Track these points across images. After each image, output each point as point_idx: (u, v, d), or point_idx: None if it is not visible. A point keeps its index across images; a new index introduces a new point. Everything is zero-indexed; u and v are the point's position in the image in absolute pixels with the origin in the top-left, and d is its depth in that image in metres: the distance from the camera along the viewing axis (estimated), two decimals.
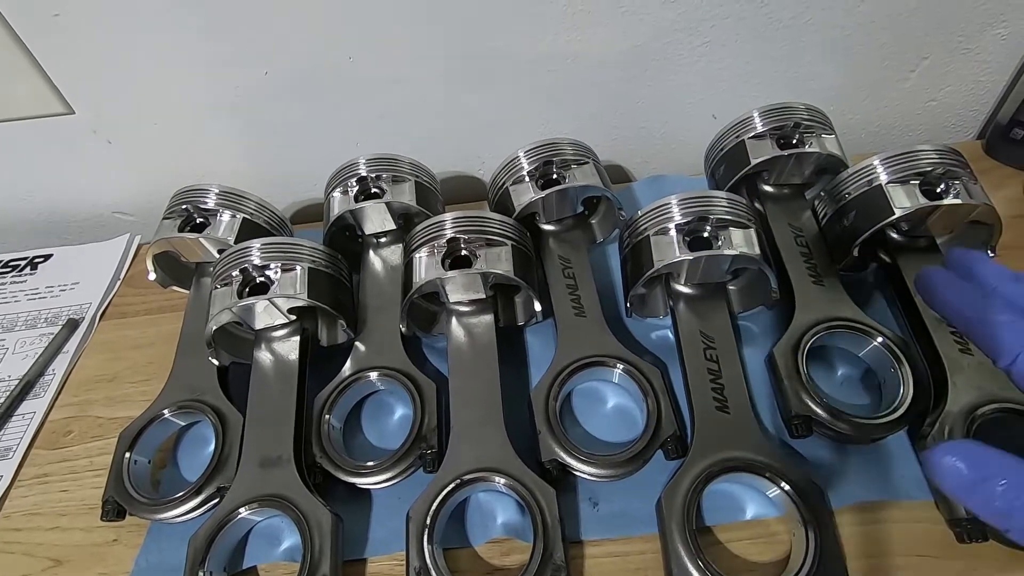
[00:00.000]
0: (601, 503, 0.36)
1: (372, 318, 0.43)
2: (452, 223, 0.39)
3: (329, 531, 0.33)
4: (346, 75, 0.51)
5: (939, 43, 0.51)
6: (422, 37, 0.49)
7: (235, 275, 0.39)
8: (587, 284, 0.43)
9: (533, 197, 0.43)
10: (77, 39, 0.47)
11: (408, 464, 0.36)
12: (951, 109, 0.57)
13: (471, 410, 0.37)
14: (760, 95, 0.54)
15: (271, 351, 0.41)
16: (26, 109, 0.52)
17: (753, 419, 0.35)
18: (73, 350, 0.49)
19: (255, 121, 0.54)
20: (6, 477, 0.42)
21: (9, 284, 0.55)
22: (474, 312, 0.41)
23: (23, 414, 0.45)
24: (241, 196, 0.46)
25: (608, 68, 0.51)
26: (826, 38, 0.50)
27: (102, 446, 0.43)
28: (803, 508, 0.31)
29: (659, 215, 0.39)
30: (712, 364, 0.38)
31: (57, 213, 0.62)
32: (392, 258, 0.46)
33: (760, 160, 0.42)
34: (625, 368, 0.38)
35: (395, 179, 0.45)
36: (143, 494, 0.37)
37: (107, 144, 0.55)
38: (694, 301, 0.40)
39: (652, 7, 0.47)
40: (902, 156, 0.39)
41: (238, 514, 0.34)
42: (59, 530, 0.39)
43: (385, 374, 0.39)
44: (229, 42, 0.48)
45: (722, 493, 0.35)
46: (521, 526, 0.35)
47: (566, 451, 0.35)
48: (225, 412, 0.39)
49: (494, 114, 0.55)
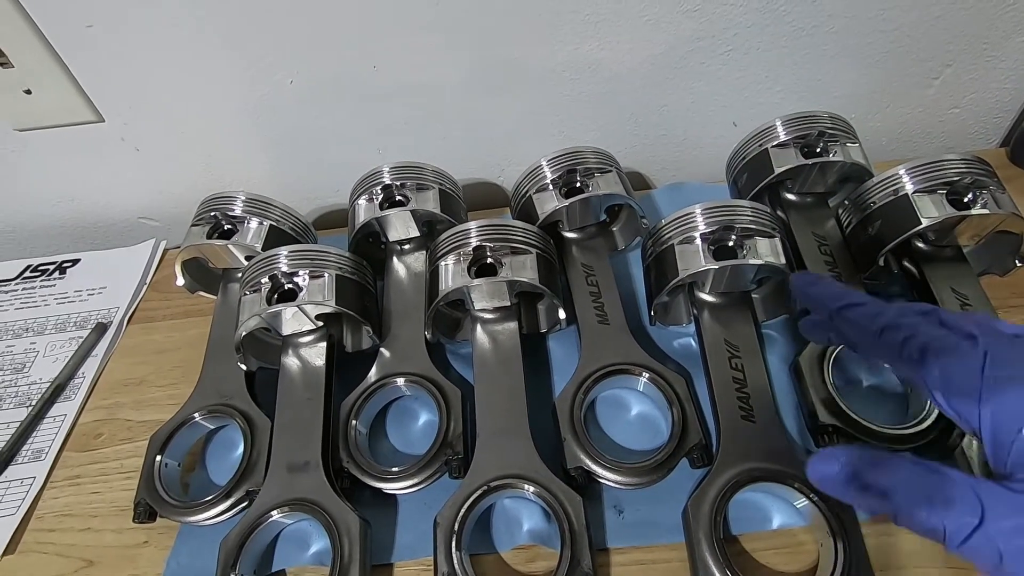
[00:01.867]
0: (626, 511, 0.36)
1: (396, 324, 0.44)
2: (477, 231, 0.40)
3: (358, 536, 0.34)
4: (370, 83, 0.51)
5: (963, 50, 0.51)
6: (445, 46, 0.49)
7: (264, 282, 0.39)
8: (610, 292, 0.43)
9: (557, 205, 0.43)
10: (108, 49, 0.48)
11: (434, 470, 0.37)
12: (974, 116, 0.56)
13: (497, 417, 0.37)
14: (781, 103, 0.54)
15: (298, 357, 0.42)
16: (58, 117, 0.53)
17: (779, 428, 0.35)
18: (102, 354, 0.50)
19: (280, 129, 0.55)
20: (39, 479, 0.42)
21: (39, 288, 0.57)
22: (499, 319, 0.42)
23: (54, 416, 0.46)
24: (267, 203, 0.47)
25: (629, 76, 0.52)
26: (848, 46, 0.50)
27: (131, 449, 0.43)
28: (832, 519, 0.31)
29: (683, 224, 0.40)
30: (737, 373, 0.38)
31: (85, 219, 0.63)
32: (415, 265, 0.47)
33: (784, 169, 0.42)
34: (650, 376, 0.38)
35: (419, 187, 0.46)
36: (174, 497, 0.37)
37: (135, 151, 0.56)
38: (718, 310, 0.40)
39: (675, 16, 0.48)
40: (928, 165, 0.39)
41: (269, 517, 0.35)
42: (91, 531, 0.40)
43: (411, 380, 0.40)
44: (255, 52, 0.49)
45: (749, 502, 0.35)
46: (547, 533, 0.35)
47: (592, 458, 0.35)
48: (253, 416, 0.40)
49: (515, 122, 0.55)
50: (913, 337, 0.23)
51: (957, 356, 0.22)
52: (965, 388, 0.21)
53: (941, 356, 0.22)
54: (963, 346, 0.22)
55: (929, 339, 0.23)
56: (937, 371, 0.22)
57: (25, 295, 0.56)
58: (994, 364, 0.21)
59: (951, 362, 0.22)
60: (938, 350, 0.22)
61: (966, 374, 0.21)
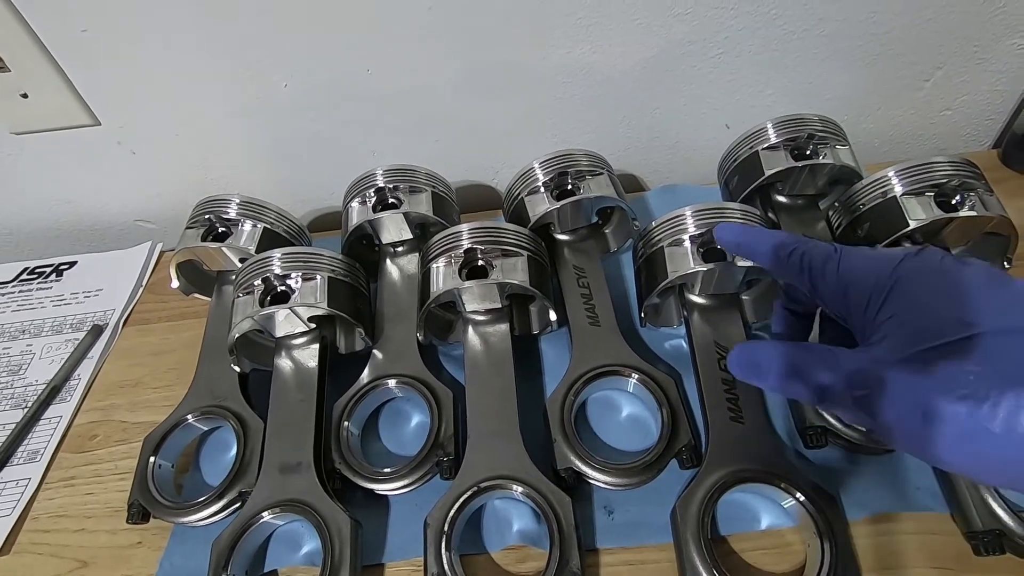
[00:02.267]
0: (616, 511, 0.36)
1: (389, 326, 0.44)
2: (468, 233, 0.40)
3: (349, 536, 0.34)
4: (364, 87, 0.52)
5: (954, 53, 0.51)
6: (439, 49, 0.50)
7: (257, 284, 0.40)
8: (601, 293, 0.43)
9: (548, 208, 0.43)
10: (104, 54, 0.49)
11: (425, 471, 0.37)
12: (966, 118, 0.57)
13: (488, 418, 0.38)
14: (773, 105, 0.54)
15: (291, 358, 0.42)
16: (54, 121, 0.53)
17: (768, 429, 0.36)
18: (98, 356, 0.50)
19: (274, 132, 0.55)
20: (34, 480, 0.43)
21: (35, 290, 0.57)
22: (490, 321, 0.42)
23: (50, 418, 0.46)
24: (262, 206, 0.47)
25: (622, 79, 0.52)
26: (840, 49, 0.51)
27: (126, 450, 0.44)
28: (819, 519, 0.31)
29: (673, 226, 0.40)
30: (726, 375, 0.38)
31: (81, 221, 0.63)
32: (409, 267, 0.47)
33: (774, 171, 0.43)
34: (640, 378, 0.38)
35: (412, 189, 0.46)
36: (167, 498, 0.38)
37: (131, 154, 0.56)
38: (708, 311, 0.41)
39: (666, 19, 0.48)
40: (917, 168, 0.39)
41: (260, 518, 0.35)
42: (85, 532, 0.40)
43: (403, 382, 0.40)
44: (250, 55, 0.49)
45: (737, 503, 0.35)
46: (536, 533, 0.35)
47: (582, 459, 0.36)
48: (246, 418, 0.40)
49: (508, 124, 0.55)
50: (795, 248, 0.27)
51: (823, 255, 0.26)
52: (829, 279, 0.25)
53: (813, 258, 0.26)
54: (829, 250, 0.26)
55: (808, 246, 0.27)
56: (808, 270, 0.26)
57: (22, 297, 0.56)
58: (847, 256, 0.25)
59: (818, 252, 0.26)
60: (813, 253, 0.26)
61: (828, 261, 0.26)
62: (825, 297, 0.26)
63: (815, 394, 0.23)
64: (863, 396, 0.21)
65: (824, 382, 0.23)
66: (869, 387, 0.21)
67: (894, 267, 0.24)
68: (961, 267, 0.23)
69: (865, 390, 0.21)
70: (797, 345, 0.25)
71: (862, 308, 0.24)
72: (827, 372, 0.23)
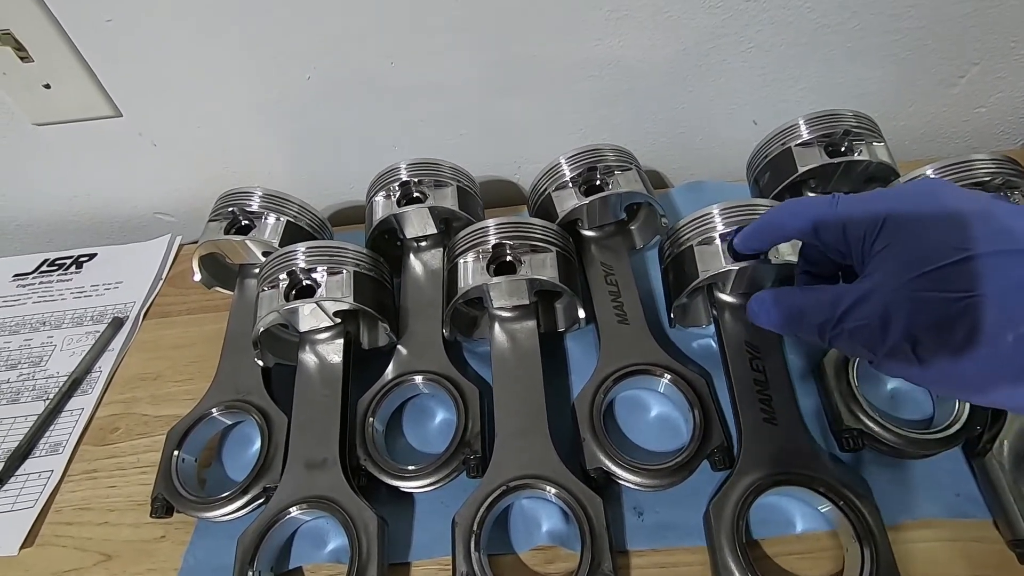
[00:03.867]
0: (646, 513, 0.35)
1: (413, 322, 0.43)
2: (496, 228, 0.39)
3: (376, 534, 0.33)
4: (387, 79, 0.51)
5: (991, 48, 0.50)
6: (463, 42, 0.49)
7: (282, 278, 0.39)
8: (630, 291, 0.43)
9: (577, 203, 0.43)
10: (127, 44, 0.48)
11: (452, 469, 0.36)
12: (1000, 116, 0.55)
13: (515, 416, 0.37)
14: (802, 101, 0.53)
15: (315, 353, 0.41)
16: (76, 112, 0.53)
17: (802, 431, 0.35)
18: (119, 348, 0.50)
19: (296, 124, 0.55)
20: (56, 472, 0.42)
21: (56, 282, 0.57)
22: (517, 318, 0.41)
23: (71, 410, 0.46)
24: (284, 199, 0.47)
25: (649, 73, 0.51)
26: (873, 44, 0.50)
27: (148, 443, 0.43)
28: (858, 524, 0.31)
29: (702, 224, 0.39)
30: (759, 375, 0.37)
31: (101, 213, 0.63)
32: (432, 262, 0.47)
33: (808, 168, 0.42)
34: (672, 378, 0.37)
35: (437, 184, 0.45)
36: (191, 492, 0.37)
37: (152, 147, 0.56)
38: (739, 310, 0.40)
39: (696, 12, 0.47)
40: (957, 165, 0.38)
41: (287, 514, 0.34)
42: (108, 525, 0.40)
43: (429, 378, 0.40)
44: (273, 47, 0.49)
45: (771, 506, 0.34)
46: (566, 534, 0.35)
47: (612, 460, 0.35)
48: (270, 413, 0.40)
49: (532, 119, 0.55)
50: (797, 205, 0.28)
51: (824, 200, 0.27)
52: (829, 221, 0.26)
53: (816, 204, 0.27)
54: (827, 197, 0.27)
55: (809, 200, 0.28)
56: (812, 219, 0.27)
57: (42, 289, 0.56)
58: (844, 198, 0.27)
59: (819, 201, 0.27)
60: (814, 204, 0.27)
61: (827, 204, 0.27)
62: (827, 242, 0.27)
63: (816, 330, 0.25)
64: (860, 327, 0.23)
65: (823, 317, 0.24)
66: (866, 318, 0.22)
67: (885, 197, 0.25)
68: (946, 191, 0.24)
69: (862, 320, 0.23)
70: (792, 288, 0.27)
71: (859, 243, 0.24)
72: (825, 307, 0.24)
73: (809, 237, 0.27)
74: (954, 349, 0.20)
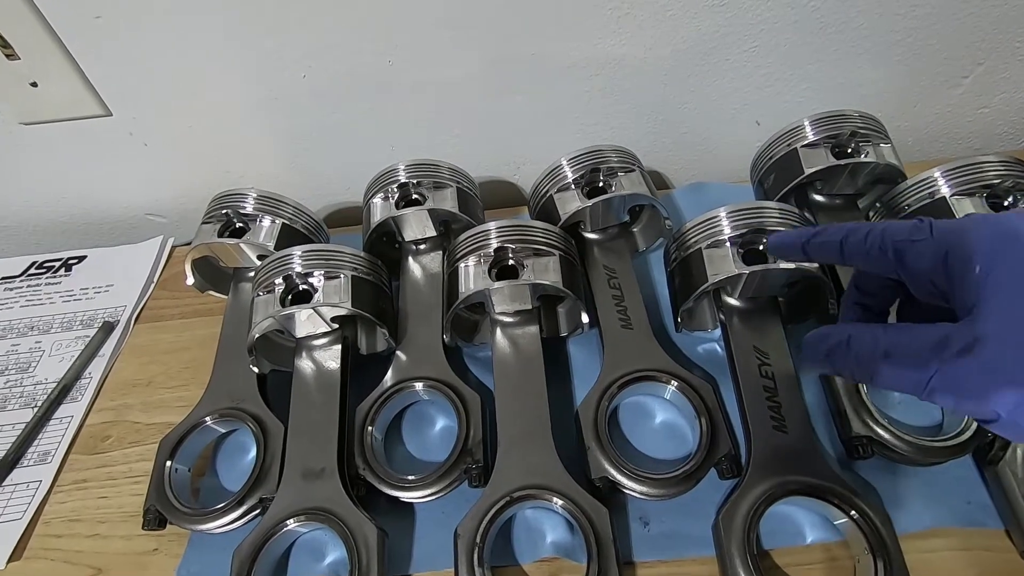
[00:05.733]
0: (652, 522, 0.35)
1: (413, 327, 0.42)
2: (498, 232, 0.38)
3: (375, 546, 0.33)
4: (384, 79, 0.50)
5: (995, 48, 0.49)
6: (461, 41, 0.48)
7: (278, 283, 0.38)
8: (633, 295, 0.42)
9: (580, 206, 0.42)
10: (117, 42, 0.47)
11: (453, 478, 0.35)
12: (1004, 116, 0.55)
13: (518, 424, 0.36)
14: (806, 101, 0.53)
15: (313, 360, 0.40)
16: (65, 111, 0.52)
17: (812, 439, 0.34)
18: (109, 353, 0.49)
19: (291, 124, 0.54)
20: (45, 482, 0.41)
21: (44, 286, 0.55)
22: (519, 323, 0.40)
23: (60, 418, 0.45)
24: (279, 201, 0.46)
25: (652, 73, 0.50)
26: (876, 43, 0.49)
27: (140, 452, 0.42)
28: (871, 536, 0.30)
29: (709, 227, 0.38)
30: (768, 381, 0.36)
31: (91, 214, 0.62)
32: (432, 265, 0.46)
33: (815, 170, 0.41)
34: (679, 384, 0.37)
35: (436, 185, 0.44)
36: (184, 504, 0.36)
37: (143, 146, 0.55)
38: (747, 315, 0.39)
39: (699, 10, 0.46)
40: (966, 167, 0.37)
41: (284, 527, 0.33)
42: (99, 537, 0.38)
43: (430, 385, 0.39)
44: (267, 46, 0.48)
45: (781, 516, 0.33)
46: (571, 545, 0.34)
47: (617, 468, 0.34)
48: (266, 421, 0.39)
49: (532, 119, 0.54)
50: (871, 230, 0.25)
51: (908, 226, 0.24)
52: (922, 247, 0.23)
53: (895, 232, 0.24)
54: (913, 222, 0.24)
55: (885, 224, 0.25)
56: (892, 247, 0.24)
57: (30, 292, 0.55)
58: (939, 221, 0.23)
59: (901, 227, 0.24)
60: (895, 229, 0.24)
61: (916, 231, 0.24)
62: (917, 271, 0.23)
63: (921, 380, 0.21)
64: (967, 375, 0.20)
65: (919, 363, 0.20)
66: (984, 371, 0.19)
67: (990, 224, 0.21)
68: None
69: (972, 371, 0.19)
70: (865, 325, 0.23)
71: (965, 272, 0.21)
72: (924, 350, 0.20)
73: (885, 264, 0.24)
74: None
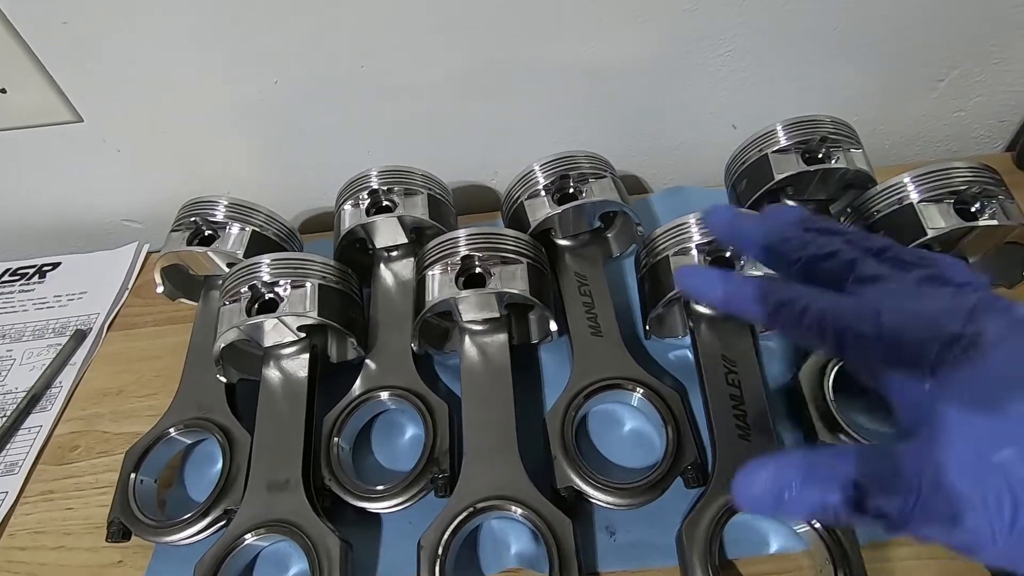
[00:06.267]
0: (618, 532, 0.35)
1: (383, 335, 0.42)
2: (466, 239, 0.38)
3: (338, 559, 0.32)
4: (358, 83, 0.50)
5: (970, 52, 0.49)
6: (436, 46, 0.48)
7: (244, 292, 0.38)
8: (604, 302, 0.42)
9: (549, 212, 0.42)
10: (86, 47, 0.47)
11: (419, 488, 0.35)
12: (979, 120, 0.55)
13: (485, 434, 0.36)
14: (781, 104, 0.52)
15: (280, 369, 0.40)
16: (35, 117, 0.51)
17: (777, 448, 0.34)
18: (80, 362, 0.48)
19: (265, 130, 0.53)
20: (11, 493, 0.41)
21: (17, 293, 0.55)
22: (488, 331, 0.40)
23: (29, 428, 0.45)
24: (250, 208, 0.45)
25: (626, 77, 0.50)
26: (852, 47, 0.49)
27: (108, 462, 0.42)
28: (831, 544, 0.30)
29: (678, 234, 0.38)
30: (734, 389, 0.36)
31: (65, 221, 0.61)
32: (403, 272, 0.45)
33: (784, 176, 0.41)
34: (645, 392, 0.36)
35: (407, 192, 0.44)
36: (149, 516, 0.36)
37: (116, 152, 0.54)
38: (715, 323, 0.39)
39: (674, 15, 0.46)
40: (934, 173, 0.37)
41: (244, 540, 0.33)
42: (64, 550, 0.38)
43: (396, 394, 0.38)
44: (239, 51, 0.47)
45: (745, 525, 0.33)
46: (535, 556, 0.34)
47: (583, 478, 0.34)
48: (233, 431, 0.39)
49: (508, 124, 0.53)
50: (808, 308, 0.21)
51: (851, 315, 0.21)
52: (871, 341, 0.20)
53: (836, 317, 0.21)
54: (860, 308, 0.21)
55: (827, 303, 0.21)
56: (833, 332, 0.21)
57: (3, 300, 0.54)
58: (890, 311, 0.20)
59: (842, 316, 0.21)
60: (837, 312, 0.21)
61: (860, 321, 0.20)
62: (859, 366, 0.21)
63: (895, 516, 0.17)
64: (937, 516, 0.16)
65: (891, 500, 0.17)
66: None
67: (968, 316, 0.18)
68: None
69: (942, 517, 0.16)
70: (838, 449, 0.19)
71: (922, 365, 0.19)
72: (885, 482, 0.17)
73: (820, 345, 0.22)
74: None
